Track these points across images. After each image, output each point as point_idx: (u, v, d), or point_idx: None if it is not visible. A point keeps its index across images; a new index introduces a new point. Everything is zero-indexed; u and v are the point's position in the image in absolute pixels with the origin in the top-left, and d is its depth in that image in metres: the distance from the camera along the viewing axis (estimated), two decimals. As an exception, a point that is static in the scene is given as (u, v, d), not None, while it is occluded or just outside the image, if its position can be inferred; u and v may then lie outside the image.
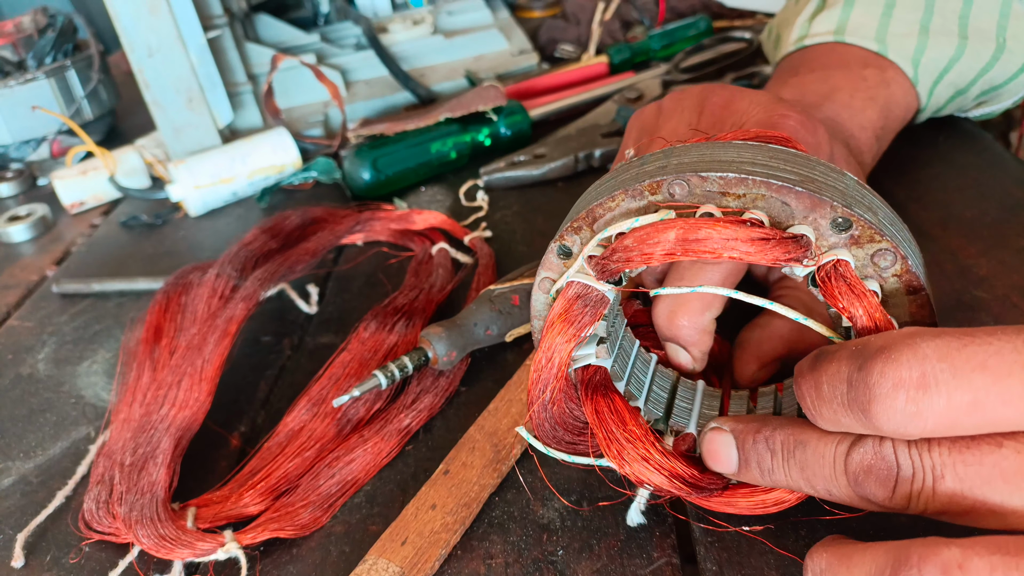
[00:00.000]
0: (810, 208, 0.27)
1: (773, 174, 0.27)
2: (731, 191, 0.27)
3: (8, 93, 0.80)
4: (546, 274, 0.32)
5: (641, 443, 0.31)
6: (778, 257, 0.26)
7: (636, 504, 0.34)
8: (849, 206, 0.26)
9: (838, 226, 0.27)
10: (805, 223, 0.27)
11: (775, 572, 0.31)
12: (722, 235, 0.26)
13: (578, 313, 0.30)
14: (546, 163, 0.65)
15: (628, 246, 0.28)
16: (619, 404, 0.32)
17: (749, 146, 0.29)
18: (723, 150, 0.29)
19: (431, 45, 0.91)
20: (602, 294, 0.30)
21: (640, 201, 0.29)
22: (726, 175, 0.27)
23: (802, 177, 0.27)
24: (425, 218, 0.60)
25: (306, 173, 0.68)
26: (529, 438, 0.34)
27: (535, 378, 0.32)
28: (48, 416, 0.48)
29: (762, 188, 0.27)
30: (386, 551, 0.34)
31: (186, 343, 0.45)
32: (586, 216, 0.30)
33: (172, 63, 0.71)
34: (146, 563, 0.36)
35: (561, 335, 0.31)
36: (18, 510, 0.41)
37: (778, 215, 0.27)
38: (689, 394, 0.36)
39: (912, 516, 0.26)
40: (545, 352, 0.31)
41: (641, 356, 0.36)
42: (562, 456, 0.34)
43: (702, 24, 0.88)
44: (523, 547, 0.34)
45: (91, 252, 0.68)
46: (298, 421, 0.42)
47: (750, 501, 0.31)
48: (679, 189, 0.28)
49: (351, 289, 0.55)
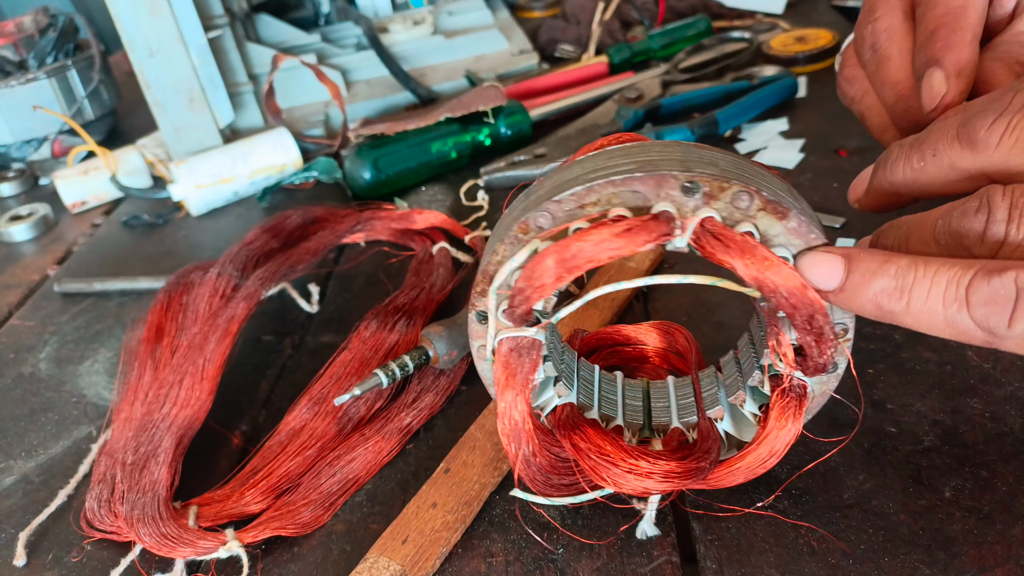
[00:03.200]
0: (657, 186, 0.28)
1: (612, 171, 0.28)
2: (586, 201, 0.29)
3: (9, 93, 0.80)
4: (477, 343, 0.33)
5: (623, 458, 0.32)
6: (649, 238, 0.27)
7: (648, 516, 0.34)
8: (689, 169, 0.28)
9: (688, 191, 0.28)
10: (662, 200, 0.28)
11: (775, 570, 0.31)
12: (591, 241, 0.27)
13: (517, 366, 0.32)
14: (546, 163, 0.65)
15: (521, 288, 0.29)
16: (590, 432, 0.33)
17: (591, 156, 0.30)
18: (569, 170, 0.30)
19: (431, 45, 0.91)
20: (531, 338, 0.31)
21: (517, 245, 0.30)
22: (575, 190, 0.29)
23: (639, 163, 0.28)
24: (426, 217, 0.60)
25: (307, 173, 0.68)
26: (528, 497, 0.35)
27: (506, 441, 0.33)
28: (50, 415, 0.48)
29: (608, 188, 0.28)
30: (387, 549, 0.34)
31: (187, 342, 0.45)
32: (482, 278, 0.31)
33: (173, 63, 0.71)
34: (148, 562, 0.36)
35: (509, 391, 0.32)
36: (20, 509, 0.41)
37: (636, 203, 0.28)
38: (663, 392, 0.37)
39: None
40: (504, 413, 0.32)
41: (605, 378, 0.38)
42: (566, 501, 0.35)
43: (702, 24, 0.88)
44: (524, 545, 0.34)
45: (92, 252, 0.68)
46: (299, 420, 0.42)
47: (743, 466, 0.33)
48: (544, 220, 0.29)
49: (352, 288, 0.56)
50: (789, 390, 0.32)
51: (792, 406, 0.32)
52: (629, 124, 0.70)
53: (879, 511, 0.33)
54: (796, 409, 0.32)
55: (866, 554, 0.31)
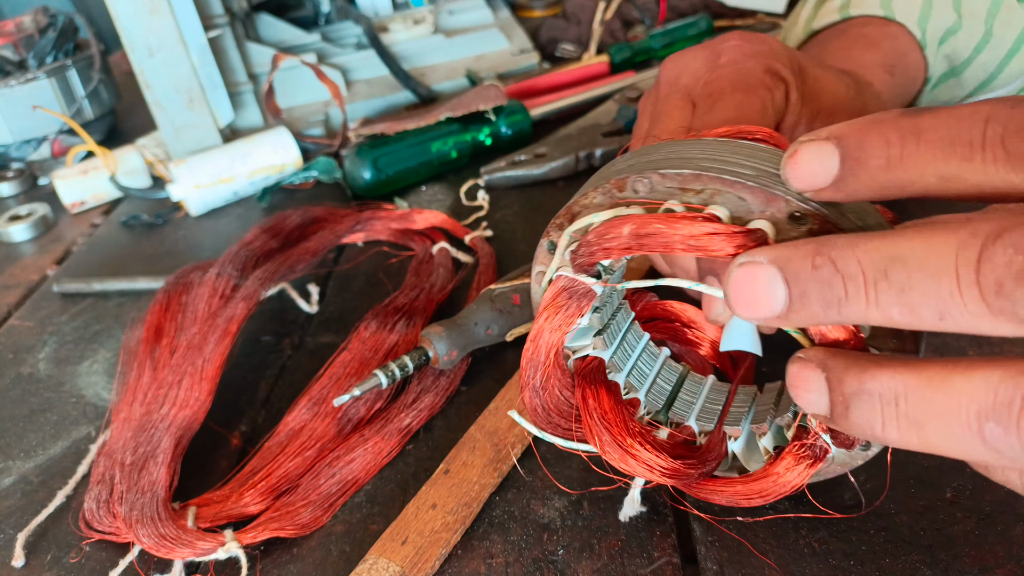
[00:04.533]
0: (765, 203, 0.26)
1: (727, 169, 0.27)
2: (689, 187, 0.28)
3: (9, 93, 0.80)
4: (539, 267, 0.33)
5: (619, 430, 0.32)
6: (730, 251, 0.26)
7: (630, 497, 0.35)
8: (805, 200, 0.26)
9: (794, 220, 0.26)
10: (763, 218, 0.27)
11: (776, 571, 0.31)
12: (672, 229, 0.27)
13: (564, 304, 0.31)
14: (547, 162, 0.65)
15: (590, 241, 0.29)
16: (604, 393, 0.33)
17: (718, 142, 0.29)
18: (690, 147, 0.29)
19: (432, 44, 0.91)
20: (588, 287, 0.31)
21: (608, 198, 0.30)
22: (682, 172, 0.27)
23: (759, 172, 0.27)
24: (426, 217, 0.60)
25: (307, 172, 0.68)
26: (521, 420, 0.34)
27: (524, 363, 0.33)
28: (49, 416, 0.48)
29: (716, 184, 0.27)
30: (386, 550, 0.34)
31: (187, 342, 0.45)
32: (566, 212, 0.31)
33: (173, 63, 0.71)
34: (146, 562, 0.36)
35: (548, 322, 0.32)
36: (18, 509, 0.41)
37: (738, 210, 0.27)
38: (696, 388, 0.36)
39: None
40: (533, 339, 0.32)
41: (649, 350, 0.37)
42: (553, 439, 0.35)
43: (703, 23, 0.88)
44: (523, 546, 0.34)
45: (92, 252, 0.68)
46: (299, 420, 0.42)
47: (730, 491, 0.32)
48: (641, 186, 0.29)
49: (352, 288, 0.55)
50: (808, 447, 0.30)
51: (804, 463, 0.30)
52: (630, 124, 0.70)
53: (880, 511, 0.33)
54: (806, 468, 0.30)
55: (867, 555, 0.31)
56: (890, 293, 0.21)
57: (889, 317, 0.22)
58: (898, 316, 0.21)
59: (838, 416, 0.24)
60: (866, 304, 0.22)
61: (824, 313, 0.23)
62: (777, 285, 0.23)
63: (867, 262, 0.22)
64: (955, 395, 0.21)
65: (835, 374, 0.24)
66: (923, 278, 0.21)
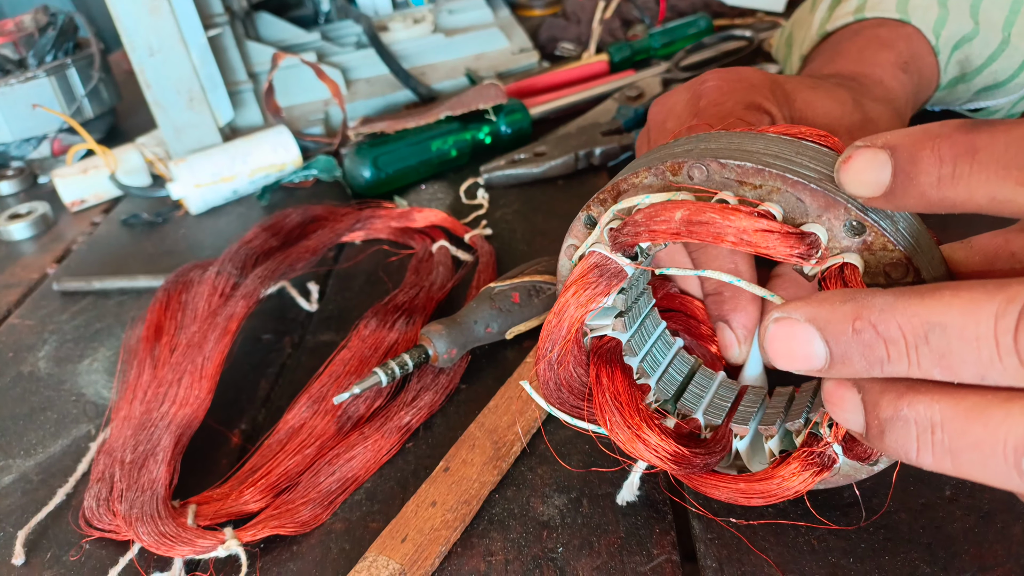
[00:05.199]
0: (824, 207, 0.26)
1: (791, 168, 0.26)
2: (748, 181, 0.27)
3: (9, 91, 0.80)
4: (571, 241, 0.33)
5: (631, 413, 0.32)
6: (780, 251, 0.26)
7: (629, 481, 0.35)
8: (865, 211, 0.25)
9: (852, 230, 0.26)
10: (819, 222, 0.26)
11: (775, 569, 0.31)
12: (726, 221, 0.26)
13: (593, 281, 0.31)
14: (546, 161, 0.65)
15: (637, 221, 0.28)
16: (619, 374, 0.33)
17: (781, 139, 0.28)
18: (752, 140, 0.28)
19: (432, 43, 0.91)
20: (620, 267, 0.31)
21: (660, 180, 0.29)
22: (744, 164, 0.27)
23: (822, 175, 0.26)
24: (425, 216, 0.60)
25: (307, 171, 0.68)
26: (532, 392, 0.34)
27: (544, 336, 0.32)
28: (49, 414, 0.48)
29: (778, 181, 0.26)
30: (386, 548, 0.34)
31: (187, 341, 0.45)
32: (611, 189, 0.30)
33: (173, 62, 0.71)
34: (146, 560, 0.36)
35: (574, 298, 0.31)
36: (19, 508, 0.41)
37: (793, 211, 0.27)
38: (705, 382, 0.36)
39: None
40: (557, 312, 0.32)
41: (664, 338, 0.37)
42: (562, 416, 0.34)
43: (702, 23, 0.88)
44: (523, 544, 0.34)
45: (92, 250, 0.68)
46: (298, 418, 0.42)
47: (732, 488, 0.31)
48: (698, 173, 0.28)
49: (352, 287, 0.55)
50: (817, 456, 0.30)
51: (811, 470, 0.30)
52: (629, 123, 0.70)
53: (879, 509, 0.33)
54: (813, 475, 0.30)
55: (866, 552, 0.31)
56: (931, 358, 0.22)
57: (929, 375, 0.22)
58: (940, 376, 0.22)
59: (873, 437, 0.24)
60: (908, 366, 0.22)
61: (867, 371, 0.23)
62: (817, 344, 0.23)
63: (908, 327, 0.22)
64: (992, 427, 0.21)
65: (871, 396, 0.24)
66: (962, 346, 0.21)
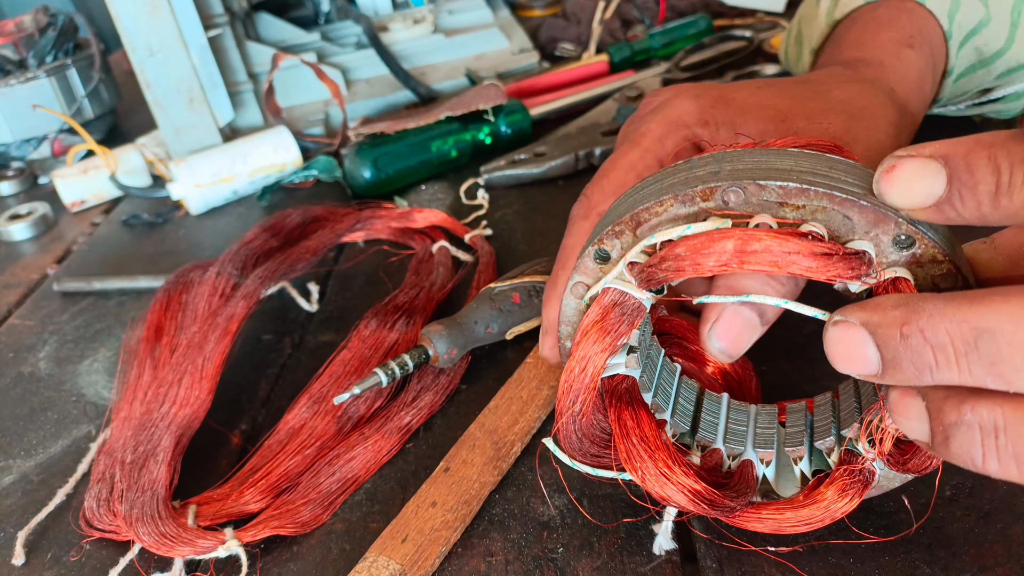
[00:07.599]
0: (873, 223, 0.25)
1: (836, 185, 0.25)
2: (790, 201, 0.26)
3: (9, 92, 0.80)
4: (580, 278, 0.31)
5: (663, 458, 0.30)
6: (840, 273, 0.25)
7: (664, 528, 0.33)
8: (914, 223, 0.25)
9: (900, 243, 0.25)
10: (866, 238, 0.25)
11: (775, 569, 0.31)
12: (783, 248, 0.25)
13: (615, 321, 0.29)
14: (546, 161, 0.65)
15: (680, 255, 0.26)
16: (644, 416, 0.31)
17: (805, 154, 0.27)
18: (779, 158, 0.27)
19: (432, 44, 0.91)
20: (640, 302, 0.29)
21: (691, 207, 0.27)
22: (786, 184, 0.25)
23: (865, 190, 0.25)
24: (426, 216, 0.60)
25: (307, 171, 0.68)
26: (556, 451, 0.33)
27: (566, 388, 0.30)
28: (49, 414, 0.48)
29: (824, 200, 0.25)
30: (386, 548, 0.34)
31: (187, 341, 0.45)
32: (629, 220, 0.28)
33: (173, 63, 0.71)
34: (147, 561, 0.36)
35: (597, 344, 0.29)
36: (19, 508, 0.41)
37: (837, 229, 0.25)
38: (715, 407, 0.35)
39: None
40: (579, 361, 0.30)
41: (667, 366, 0.35)
42: (588, 470, 0.33)
43: (702, 23, 0.88)
44: (523, 544, 0.34)
45: (92, 251, 0.68)
46: (299, 419, 0.42)
47: (775, 519, 0.30)
48: (734, 197, 0.26)
49: (352, 287, 0.55)
50: (858, 472, 0.29)
51: (854, 488, 0.29)
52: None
53: (879, 509, 0.33)
54: (858, 492, 0.29)
55: (866, 552, 0.31)
56: (981, 364, 0.22)
57: (982, 383, 0.22)
58: (991, 383, 0.22)
59: (938, 444, 0.24)
60: (958, 372, 0.22)
61: (917, 377, 0.23)
62: (870, 348, 0.24)
63: (956, 333, 0.22)
64: None
65: (935, 403, 0.24)
66: (1012, 352, 0.21)
